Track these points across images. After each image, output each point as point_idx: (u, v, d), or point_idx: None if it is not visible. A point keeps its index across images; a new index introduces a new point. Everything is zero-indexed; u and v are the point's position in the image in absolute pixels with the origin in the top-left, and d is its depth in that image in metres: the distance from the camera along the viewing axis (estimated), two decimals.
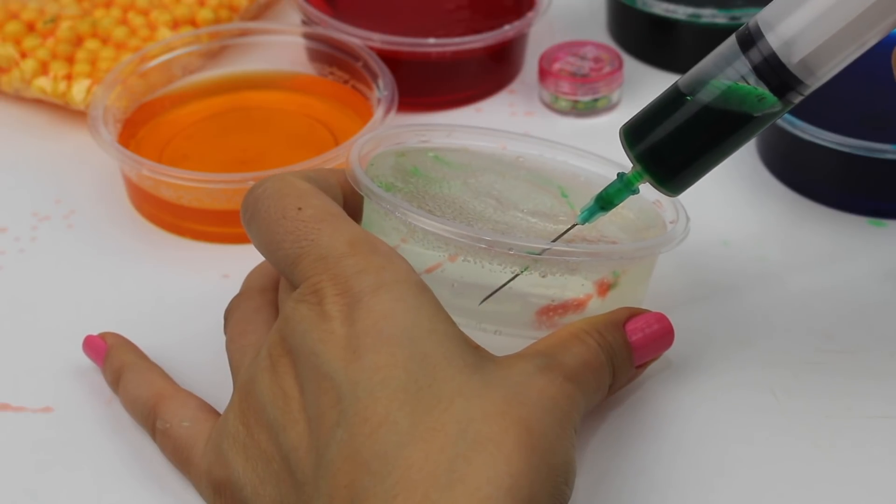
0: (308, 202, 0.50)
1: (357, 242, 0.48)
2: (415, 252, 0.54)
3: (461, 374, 0.46)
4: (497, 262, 0.53)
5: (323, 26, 0.74)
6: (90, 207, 0.69)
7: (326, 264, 0.48)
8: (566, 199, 0.60)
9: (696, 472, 0.53)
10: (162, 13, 0.76)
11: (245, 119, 0.72)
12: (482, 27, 0.75)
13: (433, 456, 0.43)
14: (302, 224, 0.49)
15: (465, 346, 0.47)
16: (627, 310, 0.54)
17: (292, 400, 0.47)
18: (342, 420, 0.45)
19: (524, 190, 0.60)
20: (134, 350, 0.56)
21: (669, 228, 0.57)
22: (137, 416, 0.54)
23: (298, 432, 0.46)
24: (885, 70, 0.73)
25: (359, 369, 0.45)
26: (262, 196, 0.51)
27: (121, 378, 0.55)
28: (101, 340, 0.57)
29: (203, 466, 0.50)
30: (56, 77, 0.73)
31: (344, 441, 0.44)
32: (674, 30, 0.78)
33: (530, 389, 0.47)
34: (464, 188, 0.59)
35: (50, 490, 0.53)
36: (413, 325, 0.46)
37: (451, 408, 0.44)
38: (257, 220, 0.50)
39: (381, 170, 0.58)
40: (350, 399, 0.45)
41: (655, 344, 0.54)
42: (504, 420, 0.44)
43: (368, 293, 0.47)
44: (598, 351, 0.51)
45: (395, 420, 0.44)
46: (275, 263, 0.50)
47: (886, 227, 0.67)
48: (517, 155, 0.63)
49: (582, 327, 0.52)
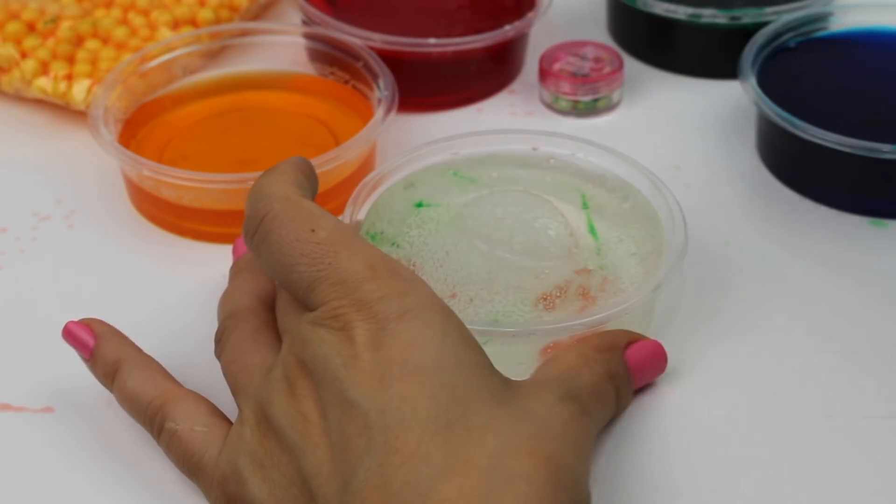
0: (320, 223, 0.49)
1: (376, 265, 0.48)
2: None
3: (489, 407, 0.46)
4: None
5: (323, 26, 0.74)
6: (91, 207, 0.69)
7: (347, 288, 0.47)
8: (585, 210, 0.61)
9: (697, 472, 0.53)
10: (162, 13, 0.76)
11: (245, 119, 0.72)
12: (483, 27, 0.75)
13: (466, 491, 0.43)
14: (318, 247, 0.48)
15: (490, 375, 0.47)
16: (626, 334, 0.55)
17: (312, 424, 0.47)
18: (370, 448, 0.45)
19: (533, 211, 0.60)
20: (128, 342, 0.55)
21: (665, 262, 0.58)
22: (139, 414, 0.53)
23: (319, 457, 0.46)
24: (885, 70, 0.73)
25: (387, 398, 0.45)
26: (270, 218, 0.50)
27: (118, 373, 0.53)
28: (89, 329, 0.55)
29: (216, 477, 0.49)
30: (56, 77, 0.73)
31: (372, 470, 0.44)
32: (674, 30, 0.78)
33: (554, 422, 0.47)
34: (458, 225, 0.60)
35: (51, 490, 0.53)
36: (440, 354, 0.46)
37: (482, 442, 0.45)
38: (268, 242, 0.49)
39: (381, 210, 0.61)
40: (379, 427, 0.45)
41: (651, 369, 0.56)
42: (533, 457, 0.45)
43: (394, 319, 0.46)
44: (605, 379, 0.52)
45: (427, 451, 0.44)
46: (287, 286, 0.49)
47: (887, 227, 0.67)
48: (549, 156, 0.63)
49: (591, 354, 0.53)
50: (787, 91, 0.69)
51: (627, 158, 0.63)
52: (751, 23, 0.75)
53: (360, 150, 0.66)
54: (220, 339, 0.54)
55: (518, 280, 0.57)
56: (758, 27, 0.73)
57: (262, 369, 0.51)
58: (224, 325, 0.54)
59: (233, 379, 0.52)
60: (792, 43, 0.73)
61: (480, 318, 0.55)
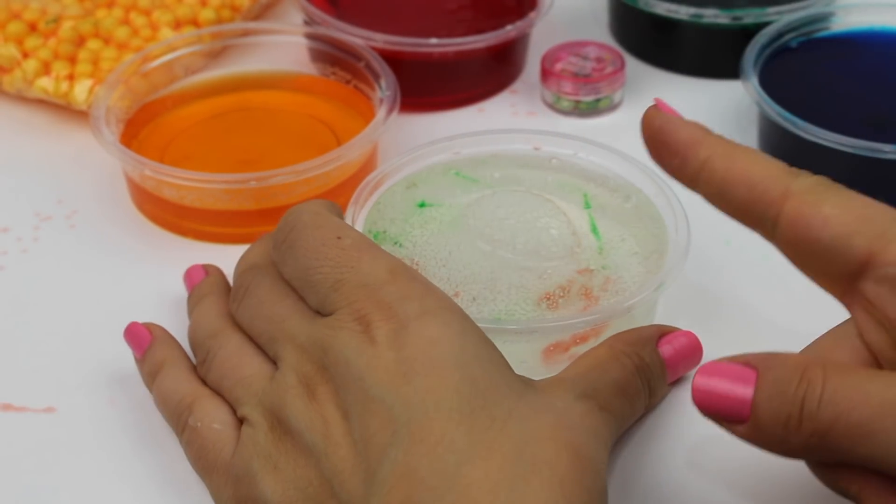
0: (345, 232, 0.52)
1: (396, 270, 0.50)
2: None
3: (509, 399, 0.46)
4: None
5: (325, 26, 0.74)
6: (92, 207, 0.69)
7: (368, 290, 0.49)
8: (587, 210, 0.61)
9: (698, 472, 0.53)
10: (164, 13, 0.76)
11: (247, 119, 0.72)
12: (484, 27, 0.75)
13: (492, 475, 0.44)
14: (342, 252, 0.50)
15: (509, 371, 0.48)
16: (659, 327, 0.56)
17: (333, 426, 0.47)
18: (395, 440, 0.45)
19: (535, 210, 0.60)
20: (178, 346, 0.56)
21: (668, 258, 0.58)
22: (169, 412, 0.54)
23: (342, 456, 0.47)
24: (887, 70, 0.73)
25: (411, 391, 0.46)
26: (300, 227, 0.52)
27: (159, 372, 0.55)
28: (147, 331, 0.57)
29: (229, 478, 0.50)
30: (58, 77, 0.73)
31: (398, 460, 0.45)
32: (676, 30, 0.78)
33: (573, 415, 0.48)
34: (461, 225, 0.60)
35: (52, 490, 0.53)
36: (461, 351, 0.47)
37: (505, 428, 0.45)
38: (296, 247, 0.52)
39: (384, 209, 0.61)
40: (403, 420, 0.45)
41: (686, 361, 0.56)
42: (556, 444, 0.45)
43: (414, 318, 0.48)
44: (634, 374, 0.53)
45: (452, 439, 0.45)
46: (309, 286, 0.51)
47: None
48: (551, 157, 0.63)
49: (621, 348, 0.53)
50: (789, 91, 0.69)
51: (629, 158, 0.63)
52: (752, 23, 0.75)
53: (362, 150, 0.67)
54: (205, 361, 0.54)
55: (520, 280, 0.57)
56: (759, 27, 0.73)
57: (260, 378, 0.51)
58: (206, 346, 0.55)
59: (228, 393, 0.52)
60: (794, 43, 0.73)
61: (483, 317, 0.55)
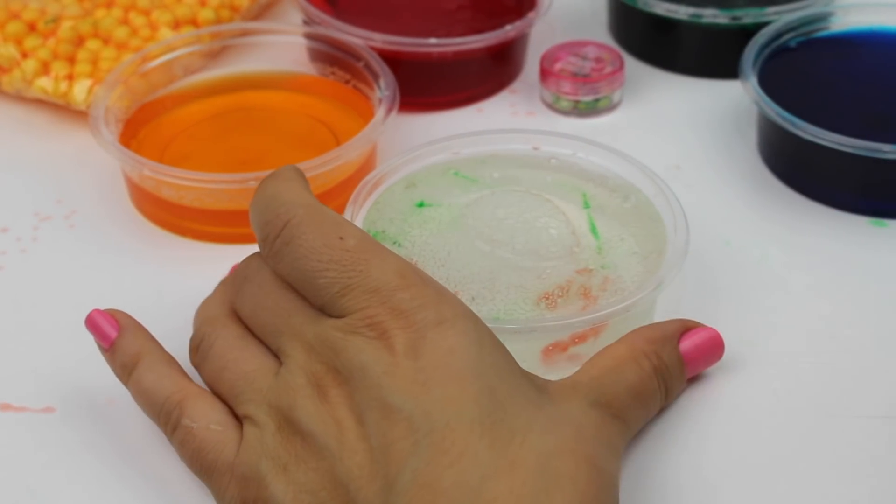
0: (346, 231, 0.50)
1: (406, 274, 0.49)
2: None
3: (527, 410, 0.47)
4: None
5: (324, 26, 0.74)
6: (91, 207, 0.69)
7: (381, 296, 0.48)
8: (586, 210, 0.61)
9: (698, 472, 0.53)
10: (163, 13, 0.76)
11: (246, 119, 0.72)
12: (483, 27, 0.75)
13: (516, 490, 0.44)
14: (348, 254, 0.49)
15: (525, 379, 0.48)
16: (682, 323, 0.56)
17: (348, 429, 0.47)
18: (417, 450, 0.45)
19: (534, 210, 0.60)
20: (150, 336, 0.55)
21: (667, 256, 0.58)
22: (154, 410, 0.52)
23: (358, 461, 0.46)
24: (886, 70, 0.73)
25: (431, 401, 0.46)
26: (295, 223, 0.50)
27: (136, 367, 0.53)
28: (113, 319, 0.55)
29: (234, 478, 0.49)
30: (57, 77, 0.73)
31: (420, 470, 0.45)
32: (675, 30, 0.78)
33: (589, 426, 0.48)
34: (460, 224, 0.60)
35: (52, 490, 0.53)
36: (478, 361, 0.47)
37: (526, 442, 0.45)
38: (293, 247, 0.50)
39: (382, 208, 0.61)
40: (425, 430, 0.45)
41: (707, 358, 0.56)
42: (575, 457, 0.46)
43: (432, 327, 0.47)
44: (651, 377, 0.53)
45: (475, 452, 0.45)
46: (313, 290, 0.50)
47: (887, 226, 0.67)
48: (550, 156, 0.63)
49: (641, 347, 0.53)
50: (788, 91, 0.69)
51: (628, 158, 0.63)
52: (752, 23, 0.75)
53: (361, 149, 0.67)
54: (199, 347, 0.53)
55: (519, 279, 0.57)
56: (759, 27, 0.73)
57: (263, 375, 0.51)
58: (202, 332, 0.54)
59: (228, 387, 0.51)
60: (793, 43, 0.73)
61: (482, 317, 0.55)
